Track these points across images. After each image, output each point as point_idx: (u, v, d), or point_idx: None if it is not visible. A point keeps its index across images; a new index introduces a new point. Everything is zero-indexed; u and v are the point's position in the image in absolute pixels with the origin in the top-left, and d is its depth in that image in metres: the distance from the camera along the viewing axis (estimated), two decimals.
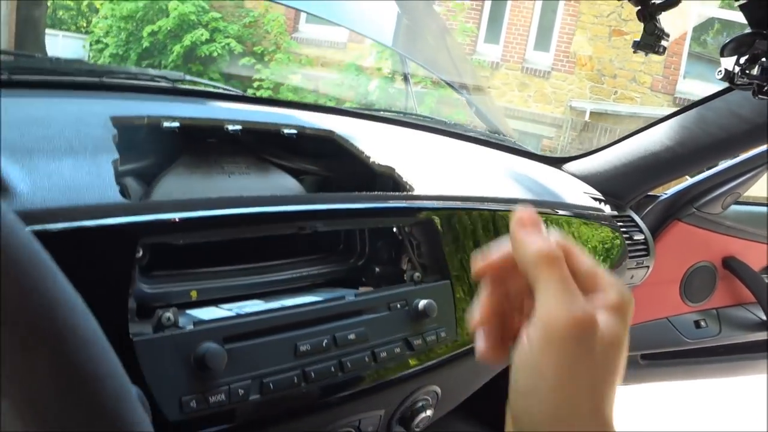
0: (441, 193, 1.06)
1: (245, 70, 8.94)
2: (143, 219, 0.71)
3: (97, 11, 10.49)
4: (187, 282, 0.89)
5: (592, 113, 9.04)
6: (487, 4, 9.66)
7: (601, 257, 1.41)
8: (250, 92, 8.56)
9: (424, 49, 2.19)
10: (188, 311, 0.83)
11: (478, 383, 1.21)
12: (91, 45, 10.37)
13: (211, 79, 8.78)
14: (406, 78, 1.86)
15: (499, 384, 1.21)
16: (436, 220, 1.01)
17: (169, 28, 8.79)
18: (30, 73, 1.12)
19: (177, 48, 8.77)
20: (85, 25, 11.47)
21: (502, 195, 1.19)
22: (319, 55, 9.36)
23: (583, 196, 1.53)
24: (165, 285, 0.87)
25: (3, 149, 0.74)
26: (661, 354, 1.91)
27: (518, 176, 1.42)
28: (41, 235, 0.65)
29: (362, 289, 1.07)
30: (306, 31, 9.55)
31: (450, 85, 1.94)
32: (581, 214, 1.39)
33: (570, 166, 1.73)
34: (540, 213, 1.23)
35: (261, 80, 8.75)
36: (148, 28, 8.86)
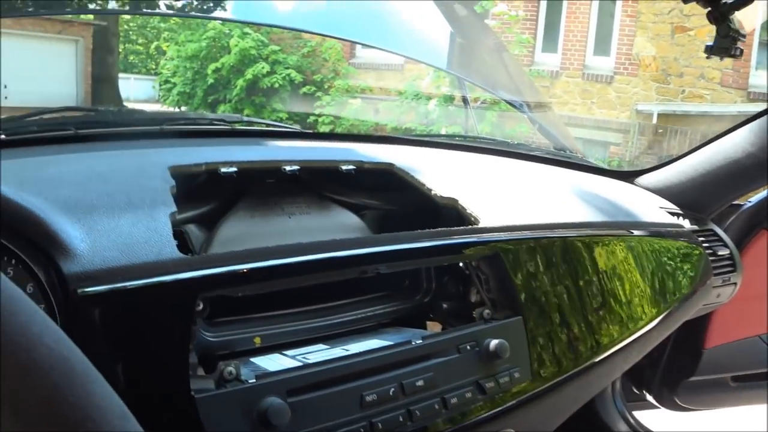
0: (508, 222, 1.01)
1: (306, 98, 9.10)
2: (201, 274, 0.70)
3: (164, 53, 10.97)
4: (249, 328, 0.88)
5: (660, 115, 8.70)
6: (542, 13, 9.51)
7: (682, 277, 1.32)
8: (311, 119, 8.71)
9: (480, 68, 2.14)
10: (252, 359, 0.82)
11: (555, 424, 1.14)
12: (160, 85, 10.83)
13: (274, 109, 9.00)
14: (465, 100, 1.82)
15: (576, 423, 1.14)
16: (504, 252, 0.96)
17: (231, 64, 9.07)
18: (94, 127, 1.15)
19: (240, 82, 9.03)
20: (153, 67, 12.01)
21: (572, 219, 1.13)
22: (377, 79, 9.43)
23: (659, 211, 1.44)
24: (228, 332, 0.86)
25: (66, 208, 0.75)
26: (754, 375, 1.77)
27: (588, 196, 1.35)
28: (101, 296, 0.66)
29: (429, 329, 1.03)
30: (363, 56, 9.65)
31: (511, 104, 1.89)
32: (658, 233, 1.31)
33: (643, 179, 1.64)
34: (613, 236, 1.18)
35: (322, 107, 8.89)
36: (212, 66, 9.18)
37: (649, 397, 1.70)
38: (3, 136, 1.12)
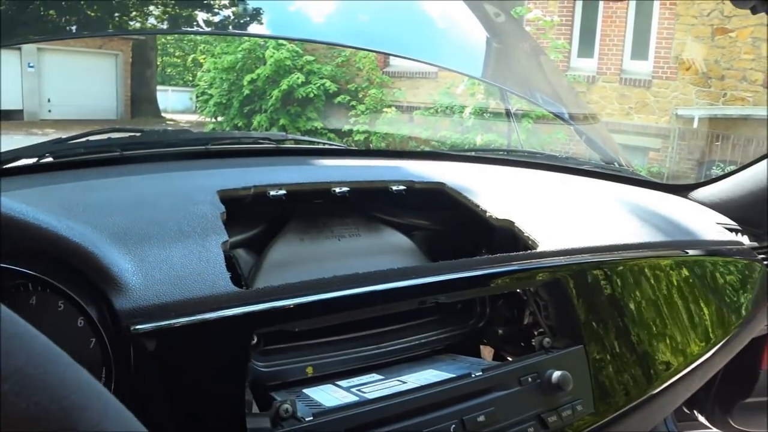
0: (567, 244, 0.97)
1: (341, 108, 9.13)
2: (257, 309, 0.67)
3: (200, 65, 11.13)
4: (300, 356, 0.85)
5: (700, 120, 8.50)
6: (578, 18, 9.38)
7: (744, 297, 1.26)
8: (346, 128, 8.73)
9: (518, 75, 2.09)
10: (305, 390, 0.79)
11: None
12: (197, 97, 11.00)
13: (309, 119, 9.06)
14: (508, 113, 1.77)
15: None
16: (564, 277, 0.92)
17: (267, 75, 9.15)
18: (140, 148, 1.15)
19: (275, 92, 9.10)
20: (191, 79, 12.21)
21: (630, 239, 1.08)
22: (411, 87, 9.41)
23: (716, 227, 1.38)
24: (279, 362, 0.83)
25: (116, 238, 0.73)
26: None
27: (643, 212, 1.29)
28: (154, 333, 0.64)
29: (483, 356, 0.99)
30: (397, 64, 9.64)
31: (557, 116, 1.83)
32: (716, 251, 1.25)
33: (697, 193, 1.57)
34: (673, 256, 1.12)
35: (356, 116, 8.90)
36: (247, 77, 9.27)
37: (701, 418, 1.63)
38: (51, 159, 1.12)
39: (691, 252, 1.19)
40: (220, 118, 9.99)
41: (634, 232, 1.13)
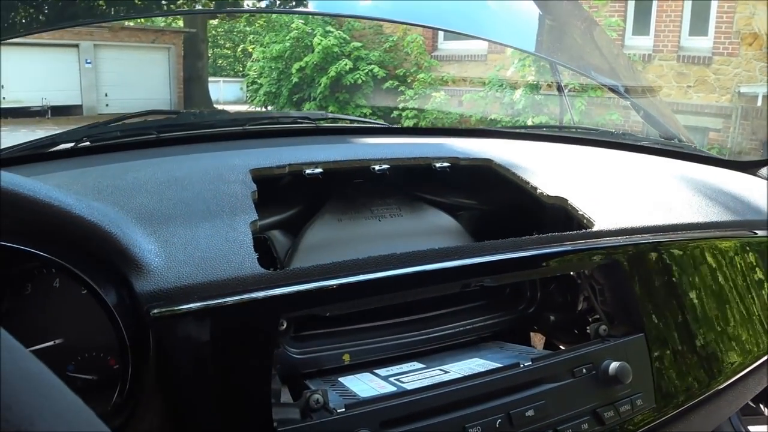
0: (625, 224, 0.88)
1: (389, 93, 9.07)
2: (284, 291, 0.62)
3: (250, 55, 11.25)
4: (337, 343, 0.81)
5: (765, 97, 8.09)
6: None
7: None
8: (395, 114, 8.68)
9: (571, 51, 1.98)
10: (340, 378, 0.74)
11: None
12: (247, 86, 11.13)
13: (357, 105, 9.04)
14: (559, 87, 1.68)
15: None
16: (622, 259, 0.84)
17: (315, 63, 9.17)
18: (176, 130, 1.12)
19: (324, 80, 9.12)
20: (241, 69, 12.37)
21: (694, 218, 0.99)
22: (460, 70, 9.26)
23: None
24: (314, 348, 0.79)
25: (142, 218, 0.70)
26: None
27: (707, 189, 1.19)
28: (175, 317, 0.60)
29: (536, 348, 0.92)
30: (445, 48, 9.51)
31: (613, 89, 1.72)
32: None
33: (766, 170, 1.45)
34: (736, 237, 1.02)
35: (405, 101, 8.83)
36: (296, 65, 9.32)
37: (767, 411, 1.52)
38: (88, 143, 1.10)
39: (760, 233, 1.08)
40: (270, 107, 10.09)
41: (697, 211, 1.04)
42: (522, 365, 0.71)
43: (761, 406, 1.54)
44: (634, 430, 0.78)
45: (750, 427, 1.48)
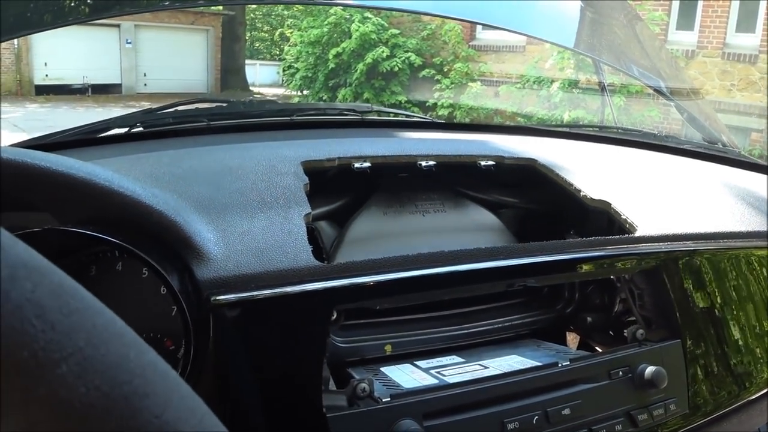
0: (667, 230, 0.89)
1: (425, 81, 9.05)
2: (339, 284, 0.65)
3: (287, 40, 11.32)
4: (380, 333, 0.83)
5: None
6: None
7: None
8: (430, 103, 8.65)
9: (612, 46, 1.96)
10: (383, 368, 0.77)
11: None
12: (284, 70, 11.20)
13: (393, 92, 9.04)
14: (602, 86, 1.67)
15: None
16: (663, 265, 0.85)
17: (352, 49, 9.19)
18: (226, 118, 1.15)
19: (360, 66, 9.13)
20: (278, 53, 12.45)
21: (736, 227, 0.98)
22: (497, 61, 9.19)
23: None
24: (358, 338, 0.82)
25: (201, 207, 0.73)
26: None
27: (752, 198, 1.18)
28: (234, 304, 0.63)
29: (571, 348, 0.94)
30: (483, 38, 9.44)
31: (658, 90, 1.71)
32: None
33: None
34: None
35: (441, 90, 8.80)
36: (333, 51, 9.34)
37: None
38: (141, 129, 1.14)
39: None
40: (305, 92, 10.14)
41: (740, 219, 1.03)
42: (560, 365, 0.73)
43: None
44: None
45: None
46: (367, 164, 0.92)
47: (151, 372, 0.24)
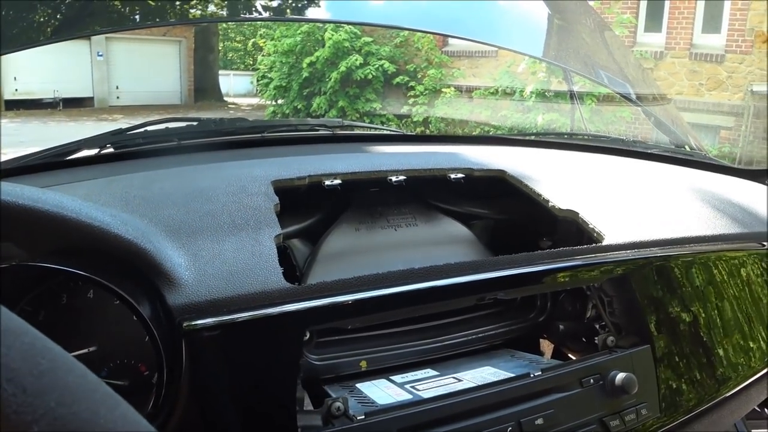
0: (634, 237, 0.91)
1: (399, 88, 9.07)
2: (309, 306, 0.66)
3: (261, 49, 11.28)
4: (355, 349, 0.84)
5: None
6: None
7: None
8: (405, 109, 8.67)
9: (580, 52, 1.99)
10: (358, 385, 0.78)
11: None
12: (258, 80, 11.15)
13: (367, 100, 9.05)
14: (572, 95, 1.70)
15: None
16: (631, 272, 0.87)
17: (326, 57, 9.18)
18: (197, 137, 1.15)
19: (334, 75, 9.12)
20: (251, 63, 12.39)
21: (702, 230, 1.01)
22: (470, 66, 9.26)
23: None
24: (332, 355, 0.82)
25: (171, 231, 0.73)
26: None
27: (717, 200, 1.21)
28: (206, 329, 0.64)
29: (546, 355, 0.95)
30: (456, 43, 9.49)
31: (625, 97, 1.74)
32: None
33: None
34: (746, 250, 1.04)
35: (415, 97, 8.83)
36: (306, 60, 9.33)
37: None
38: (112, 150, 1.14)
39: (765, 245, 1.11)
40: (280, 101, 10.11)
41: (707, 222, 1.06)
42: (532, 375, 0.74)
43: (766, 410, 1.56)
44: None
45: (754, 431, 1.50)
46: (337, 181, 0.93)
47: (122, 425, 0.25)
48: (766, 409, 1.55)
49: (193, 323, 0.61)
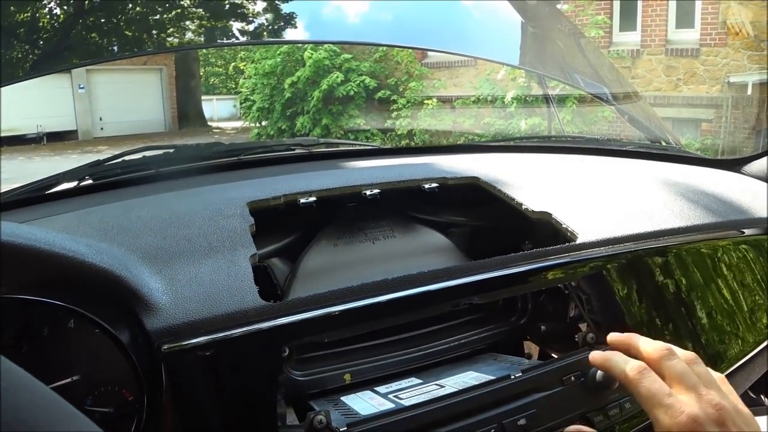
0: (608, 234, 0.93)
1: (382, 103, 9.12)
2: (285, 322, 0.67)
3: (242, 72, 11.32)
4: (338, 363, 0.85)
5: (755, 85, 8.12)
6: None
7: None
8: (389, 123, 8.72)
9: (555, 57, 2.03)
10: (342, 398, 0.79)
11: None
12: (240, 103, 11.18)
13: (350, 116, 9.09)
14: (547, 99, 1.72)
15: None
16: (606, 268, 0.88)
17: (307, 77, 9.23)
18: (175, 164, 1.16)
19: (316, 93, 9.17)
20: (233, 86, 12.43)
21: (677, 223, 1.03)
22: (451, 77, 9.32)
23: None
24: (316, 370, 0.83)
25: (148, 257, 0.74)
26: None
27: (692, 192, 1.23)
28: (185, 351, 0.64)
29: (526, 352, 0.96)
30: (435, 55, 9.56)
31: (598, 97, 1.77)
32: None
33: (752, 167, 1.48)
34: (726, 238, 1.06)
35: (398, 110, 8.89)
36: (288, 80, 9.37)
37: None
38: (90, 182, 1.15)
39: (748, 231, 1.13)
40: (264, 123, 10.13)
41: (682, 214, 1.08)
42: (513, 376, 0.75)
43: (762, 396, 1.57)
44: (625, 431, 0.82)
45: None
46: (312, 199, 0.94)
47: None
48: (762, 397, 1.57)
49: (172, 346, 0.62)
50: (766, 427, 1.51)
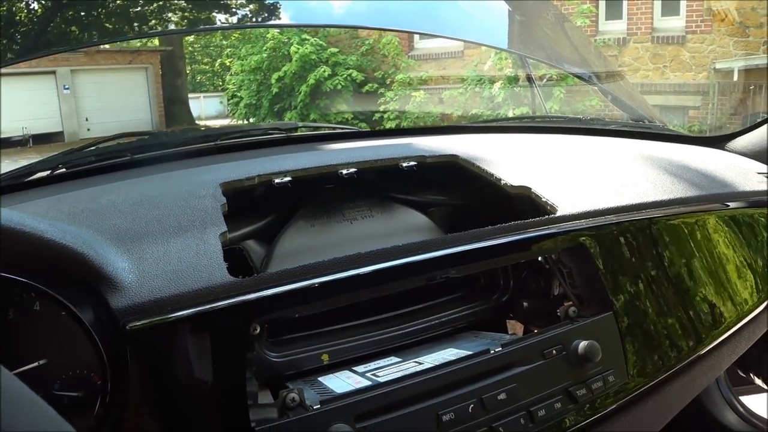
0: (589, 207, 0.91)
1: (369, 96, 9.09)
2: (253, 297, 0.65)
3: (229, 69, 11.24)
4: (316, 344, 0.83)
5: (740, 71, 8.16)
6: None
7: None
8: (377, 116, 8.70)
9: (542, 43, 2.02)
10: (320, 378, 0.77)
11: (660, 425, 1.01)
12: (228, 100, 11.11)
13: (338, 111, 9.06)
14: (529, 79, 1.71)
15: (678, 414, 1.02)
16: (587, 241, 0.87)
17: (293, 72, 9.19)
18: (150, 150, 1.14)
19: (303, 88, 9.13)
20: (220, 83, 12.35)
21: (660, 196, 1.02)
22: (438, 68, 9.30)
23: (756, 177, 1.29)
24: (293, 351, 0.81)
25: (116, 238, 0.72)
26: None
27: (675, 167, 1.22)
28: (150, 329, 0.63)
29: (510, 332, 0.95)
30: (421, 47, 9.55)
31: (579, 77, 1.76)
32: (759, 201, 1.17)
33: (735, 143, 1.48)
34: (709, 211, 1.05)
35: (386, 103, 8.86)
36: (275, 75, 9.33)
37: (759, 381, 1.55)
38: (64, 170, 1.12)
39: (731, 205, 1.12)
40: (252, 119, 10.08)
41: (665, 187, 1.07)
42: (492, 351, 0.74)
43: (752, 375, 1.57)
44: (609, 405, 0.81)
45: (741, 398, 1.51)
46: (287, 179, 0.92)
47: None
48: (751, 374, 1.57)
49: (136, 324, 0.61)
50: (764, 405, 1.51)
